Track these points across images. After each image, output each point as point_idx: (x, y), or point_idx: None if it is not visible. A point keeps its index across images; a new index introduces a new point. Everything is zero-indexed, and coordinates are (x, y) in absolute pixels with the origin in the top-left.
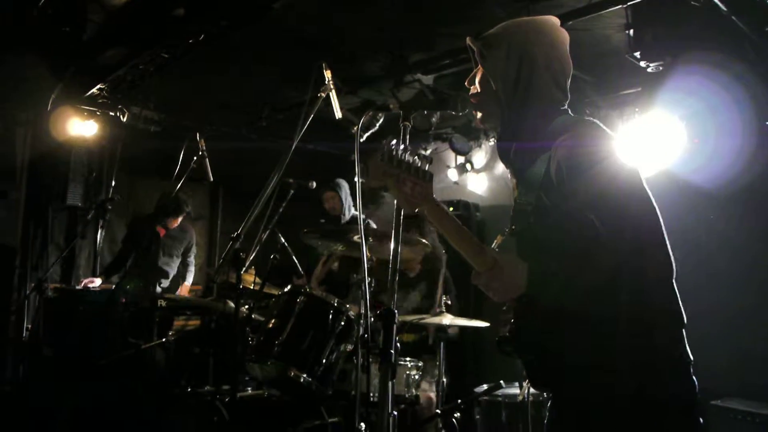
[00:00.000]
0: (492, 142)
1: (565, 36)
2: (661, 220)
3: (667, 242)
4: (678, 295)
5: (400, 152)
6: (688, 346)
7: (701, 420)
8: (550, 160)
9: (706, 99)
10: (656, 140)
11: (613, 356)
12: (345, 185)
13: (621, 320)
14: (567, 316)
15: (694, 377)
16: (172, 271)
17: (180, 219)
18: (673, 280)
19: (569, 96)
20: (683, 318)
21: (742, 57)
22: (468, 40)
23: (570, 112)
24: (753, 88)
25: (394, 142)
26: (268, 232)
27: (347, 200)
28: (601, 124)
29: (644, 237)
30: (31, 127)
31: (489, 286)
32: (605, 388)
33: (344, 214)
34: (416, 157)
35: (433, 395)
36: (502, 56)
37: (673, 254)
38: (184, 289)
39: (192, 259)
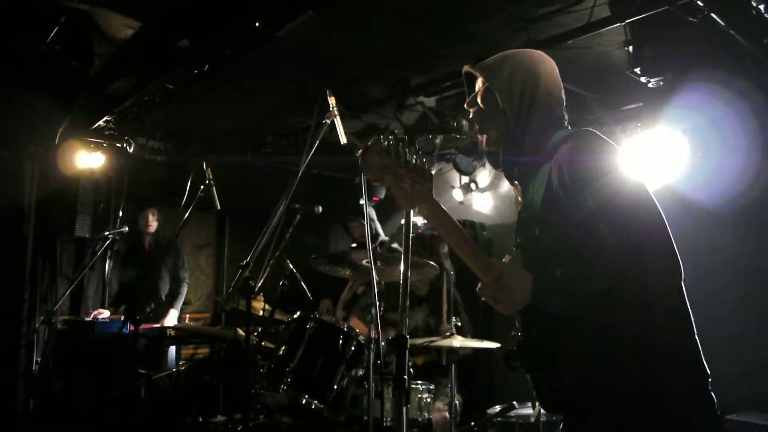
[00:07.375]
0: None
1: (554, 64)
2: (668, 230)
3: (676, 251)
4: (688, 304)
5: (399, 147)
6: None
7: None
8: (551, 171)
9: (709, 113)
10: (659, 155)
11: (617, 363)
12: (370, 211)
13: (623, 328)
14: (571, 325)
15: (712, 392)
16: (163, 291)
17: (151, 215)
18: (682, 288)
19: (566, 116)
20: (692, 327)
21: (744, 73)
22: (466, 67)
23: (569, 128)
24: (755, 101)
25: (390, 136)
26: (275, 258)
27: (375, 225)
28: (601, 134)
29: (648, 247)
30: (39, 160)
31: (496, 297)
32: (612, 401)
33: (378, 236)
34: (415, 155)
35: (447, 417)
36: (506, 74)
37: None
38: (171, 317)
39: (185, 276)
